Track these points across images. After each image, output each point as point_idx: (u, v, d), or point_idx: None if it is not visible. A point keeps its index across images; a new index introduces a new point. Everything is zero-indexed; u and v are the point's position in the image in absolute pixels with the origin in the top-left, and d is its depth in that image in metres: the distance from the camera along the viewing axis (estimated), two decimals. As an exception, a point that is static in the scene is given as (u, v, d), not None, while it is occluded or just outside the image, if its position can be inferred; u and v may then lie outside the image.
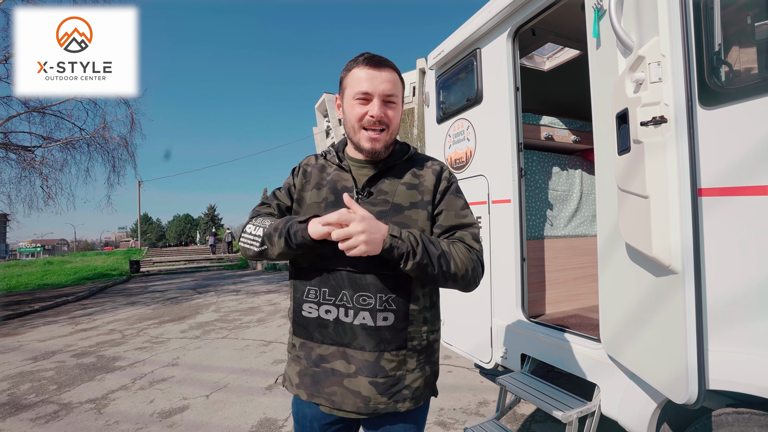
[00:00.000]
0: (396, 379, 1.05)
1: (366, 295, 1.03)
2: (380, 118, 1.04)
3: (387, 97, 1.05)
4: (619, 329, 1.66)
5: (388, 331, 1.04)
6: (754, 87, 1.29)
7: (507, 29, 2.55)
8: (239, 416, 3.05)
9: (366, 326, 1.03)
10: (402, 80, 1.13)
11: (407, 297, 1.06)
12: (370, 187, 1.10)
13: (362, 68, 1.04)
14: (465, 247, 1.06)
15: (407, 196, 1.09)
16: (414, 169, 1.14)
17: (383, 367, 1.03)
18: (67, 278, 13.70)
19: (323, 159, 1.21)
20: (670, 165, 1.28)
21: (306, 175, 1.18)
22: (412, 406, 1.07)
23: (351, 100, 1.06)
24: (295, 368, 1.11)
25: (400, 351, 1.05)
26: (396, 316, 1.04)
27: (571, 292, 2.91)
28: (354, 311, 1.03)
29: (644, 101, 1.33)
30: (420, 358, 1.10)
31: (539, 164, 2.99)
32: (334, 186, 1.12)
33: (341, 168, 1.15)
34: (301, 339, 1.10)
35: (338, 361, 1.05)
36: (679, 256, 1.26)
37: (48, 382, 3.94)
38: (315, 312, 1.07)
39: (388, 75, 1.05)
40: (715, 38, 1.41)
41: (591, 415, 1.85)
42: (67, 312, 8.11)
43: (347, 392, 1.03)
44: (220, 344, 5.15)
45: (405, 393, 1.06)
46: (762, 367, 1.24)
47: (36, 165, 9.82)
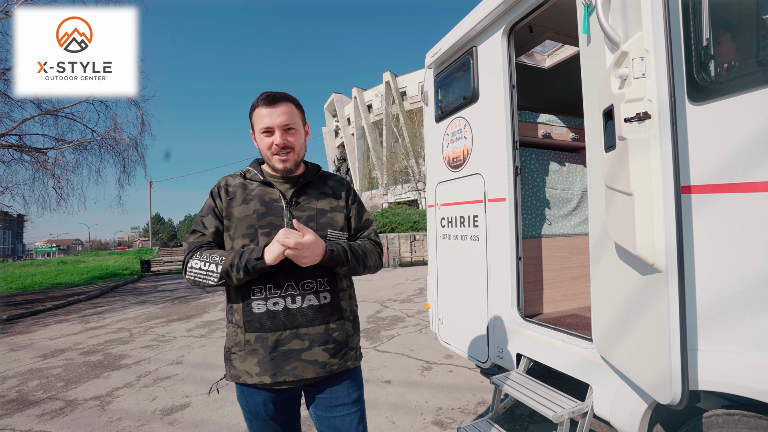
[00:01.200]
0: (343, 343, 1.32)
1: (309, 281, 1.28)
2: (283, 144, 1.28)
3: (285, 127, 1.27)
4: (610, 329, 1.64)
5: (329, 307, 1.30)
6: (744, 82, 1.27)
7: (502, 27, 2.53)
8: (239, 414, 3.07)
9: (313, 306, 1.27)
10: (299, 107, 1.35)
11: (335, 279, 1.34)
12: (297, 198, 1.34)
13: (262, 108, 1.27)
14: (371, 243, 1.41)
15: (326, 202, 1.38)
16: (327, 182, 1.43)
17: (331, 335, 1.29)
18: (79, 277, 14.00)
19: (242, 178, 1.38)
20: (653, 162, 1.26)
21: (229, 194, 1.34)
22: (356, 363, 1.37)
23: (259, 134, 1.29)
24: (251, 361, 1.24)
25: (340, 321, 1.33)
26: (332, 294, 1.32)
27: (570, 292, 2.88)
28: (301, 296, 1.26)
29: (628, 97, 1.31)
30: (355, 324, 1.40)
31: (538, 162, 2.96)
32: (262, 199, 1.32)
33: (265, 183, 1.35)
34: (255, 333, 1.25)
35: (293, 341, 1.25)
36: (663, 255, 1.24)
37: (56, 379, 4.04)
38: (264, 307, 1.25)
39: (283, 108, 1.27)
40: (703, 33, 1.38)
41: (584, 416, 1.83)
42: (78, 311, 8.29)
43: (306, 364, 1.25)
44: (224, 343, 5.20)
45: (351, 353, 1.35)
46: (751, 367, 1.22)
47: (48, 166, 10.04)
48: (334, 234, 1.34)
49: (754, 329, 1.24)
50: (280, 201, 1.31)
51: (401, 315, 6.43)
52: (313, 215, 1.33)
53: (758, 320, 1.23)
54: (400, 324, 5.82)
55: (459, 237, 2.97)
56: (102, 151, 11.20)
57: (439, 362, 4.08)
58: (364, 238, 1.42)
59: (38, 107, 10.00)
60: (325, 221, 1.34)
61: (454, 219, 3.03)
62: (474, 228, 2.78)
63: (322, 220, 1.33)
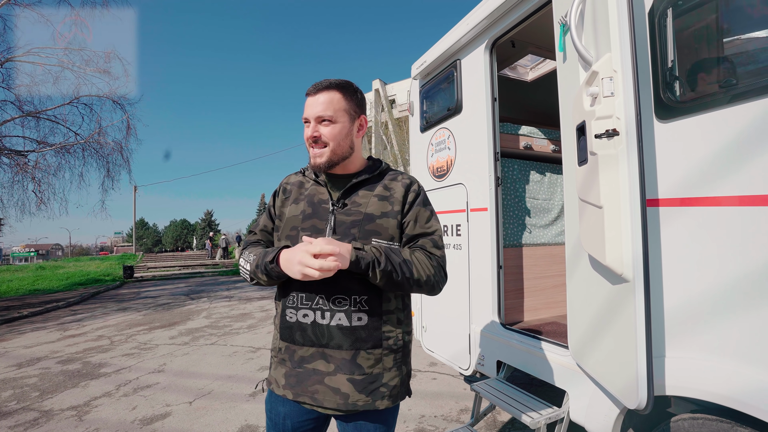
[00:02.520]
0: (373, 377, 1.12)
1: (341, 297, 1.11)
2: (313, 137, 1.16)
3: (319, 118, 1.16)
4: (584, 336, 1.69)
5: (363, 331, 1.11)
6: (706, 101, 1.34)
7: (484, 41, 2.62)
8: (220, 423, 3.04)
9: (342, 326, 1.11)
10: (348, 97, 1.20)
11: (379, 298, 1.14)
12: (345, 199, 1.20)
13: (307, 98, 1.19)
14: (425, 254, 1.15)
15: (378, 206, 1.18)
16: (385, 182, 1.24)
17: (360, 365, 1.10)
18: (58, 284, 13.62)
19: (302, 175, 1.31)
20: (621, 176, 1.32)
21: (286, 192, 1.28)
22: (390, 404, 1.14)
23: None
24: (281, 370, 1.17)
25: (376, 349, 1.13)
26: (370, 316, 1.12)
27: (550, 300, 2.94)
28: (330, 313, 1.11)
29: (598, 114, 1.38)
30: (396, 357, 1.17)
31: (520, 173, 3.03)
32: (311, 199, 1.22)
33: (318, 183, 1.25)
34: (285, 342, 1.17)
35: (318, 361, 1.12)
36: (630, 265, 1.30)
37: (30, 389, 3.92)
38: (294, 317, 1.15)
39: (323, 97, 1.16)
40: (668, 56, 1.46)
41: (560, 421, 1.87)
42: (56, 318, 8.07)
43: (328, 390, 1.10)
44: (208, 350, 5.13)
45: (383, 391, 1.13)
46: (713, 373, 1.28)
47: (29, 169, 9.82)
48: (380, 245, 1.14)
49: (716, 337, 1.30)
50: (328, 202, 1.20)
51: (387, 322, 6.42)
52: (359, 221, 1.15)
53: (719, 328, 1.29)
54: (386, 331, 5.82)
55: (443, 245, 3.01)
56: (85, 154, 11.05)
57: (423, 370, 4.10)
58: (416, 247, 1.18)
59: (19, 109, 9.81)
60: (371, 228, 1.15)
61: (449, 227, 3.07)
62: (457, 237, 2.83)
63: (368, 227, 1.15)
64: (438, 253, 1.18)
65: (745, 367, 1.21)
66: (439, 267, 1.16)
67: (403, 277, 1.08)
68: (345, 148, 1.20)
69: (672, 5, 1.45)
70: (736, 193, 1.26)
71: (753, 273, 1.21)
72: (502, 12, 2.40)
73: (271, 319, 7.12)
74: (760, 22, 1.28)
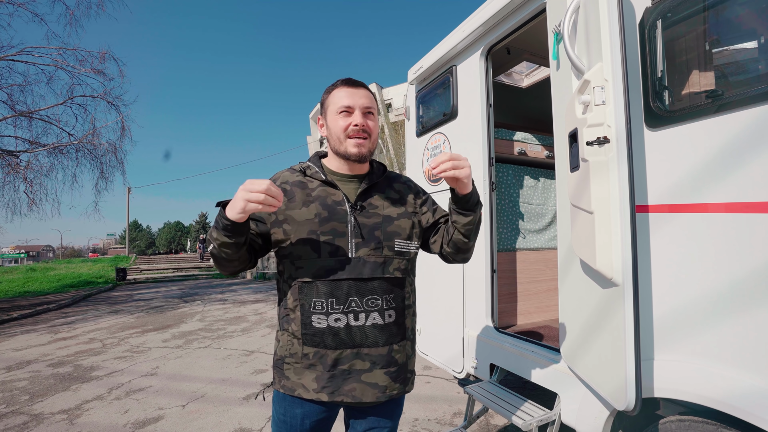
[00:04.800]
0: (404, 366, 1.22)
1: (374, 298, 1.16)
2: (363, 126, 1.17)
3: (366, 109, 1.19)
4: (575, 340, 1.72)
5: (394, 326, 1.20)
6: (695, 110, 1.38)
7: (480, 48, 2.66)
8: (214, 426, 3.03)
9: (377, 325, 1.16)
10: (375, 98, 1.28)
11: (402, 294, 1.23)
12: (363, 201, 1.22)
13: (342, 88, 1.19)
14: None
15: (394, 208, 1.25)
16: (393, 184, 1.31)
17: (394, 358, 1.19)
18: (49, 285, 13.46)
19: (301, 175, 1.25)
20: (612, 183, 1.35)
21: (287, 194, 1.20)
22: (412, 387, 1.27)
23: (335, 115, 1.19)
24: (310, 376, 1.16)
25: (403, 341, 1.22)
26: (396, 312, 1.20)
27: (543, 304, 2.97)
28: (365, 314, 1.15)
29: (590, 122, 1.41)
30: (413, 344, 1.29)
31: (514, 178, 3.07)
32: (324, 201, 1.19)
33: (326, 183, 1.22)
34: (314, 348, 1.15)
35: (354, 361, 1.15)
36: (620, 270, 1.33)
37: (20, 392, 3.88)
38: (324, 322, 1.14)
39: (365, 92, 1.21)
40: (657, 65, 1.51)
41: (551, 424, 1.89)
42: (47, 320, 7.97)
43: (366, 386, 1.15)
44: (201, 354, 5.11)
45: (409, 376, 1.26)
46: (699, 376, 1.31)
47: (20, 170, 9.72)
48: (402, 244, 1.22)
49: (703, 340, 1.33)
50: (344, 204, 1.19)
51: (382, 326, 6.43)
52: (379, 222, 1.20)
53: (707, 332, 1.32)
54: (380, 335, 5.82)
55: (437, 249, 3.04)
56: (79, 155, 10.95)
57: (417, 373, 4.11)
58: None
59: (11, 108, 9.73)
60: (392, 230, 1.21)
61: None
62: (452, 241, 2.85)
63: (389, 229, 1.20)
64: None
65: (731, 371, 1.24)
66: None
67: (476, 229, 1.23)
68: (375, 146, 1.25)
69: (662, 17, 1.49)
70: (724, 200, 1.29)
71: (740, 278, 1.24)
72: (497, 20, 2.44)
73: (265, 322, 7.09)
74: (747, 34, 1.32)
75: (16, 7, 9.37)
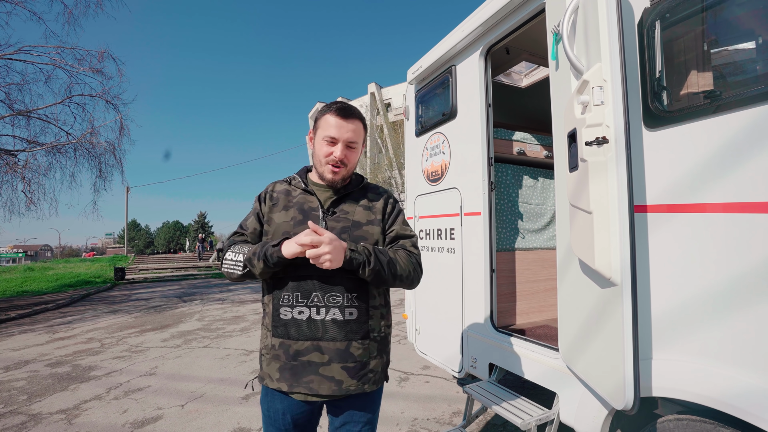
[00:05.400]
0: (363, 364, 1.27)
1: (335, 295, 1.25)
2: (342, 159, 1.29)
3: (349, 142, 1.30)
4: (574, 339, 1.72)
5: (354, 324, 1.27)
6: (693, 111, 1.39)
7: (479, 48, 2.66)
8: (213, 426, 3.03)
9: (336, 320, 1.25)
10: (365, 126, 1.39)
11: (367, 296, 1.31)
12: (334, 208, 1.35)
13: (334, 116, 1.28)
14: (406, 253, 1.33)
15: (364, 215, 1.36)
16: (368, 194, 1.42)
17: (352, 354, 1.25)
18: (47, 285, 13.42)
19: (287, 184, 1.42)
20: (610, 183, 1.36)
21: (273, 199, 1.38)
22: (374, 387, 1.31)
23: (321, 140, 1.31)
24: (275, 365, 1.26)
25: (365, 340, 1.29)
26: (359, 311, 1.28)
27: (542, 303, 2.98)
28: (325, 309, 1.24)
29: (588, 122, 1.41)
30: (380, 346, 1.34)
31: (513, 178, 3.08)
32: (301, 207, 1.34)
33: (306, 192, 1.37)
34: (279, 339, 1.27)
35: (313, 353, 1.24)
36: (618, 270, 1.33)
37: (18, 392, 3.87)
38: (289, 314, 1.26)
39: (353, 126, 1.30)
40: (656, 65, 1.51)
41: (550, 423, 1.90)
42: (45, 320, 7.95)
43: (323, 379, 1.23)
44: (200, 353, 5.10)
45: (370, 376, 1.29)
46: (697, 375, 1.31)
47: (18, 169, 9.68)
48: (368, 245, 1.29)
49: (701, 340, 1.34)
50: (318, 210, 1.33)
51: (381, 325, 6.43)
52: (348, 227, 1.31)
53: (705, 332, 1.33)
54: (379, 334, 5.83)
55: (436, 249, 3.04)
56: (77, 154, 10.90)
57: (417, 373, 4.12)
58: (398, 247, 1.36)
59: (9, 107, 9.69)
60: (359, 234, 1.32)
61: (431, 231, 3.10)
62: (450, 240, 2.86)
63: (356, 233, 1.31)
64: (416, 251, 1.38)
65: (729, 370, 1.25)
66: (417, 264, 1.35)
67: (389, 274, 1.24)
68: (354, 169, 1.39)
69: (660, 17, 1.50)
70: (722, 200, 1.30)
71: (738, 278, 1.24)
72: (496, 20, 2.44)
73: (264, 321, 7.07)
74: (745, 35, 1.32)
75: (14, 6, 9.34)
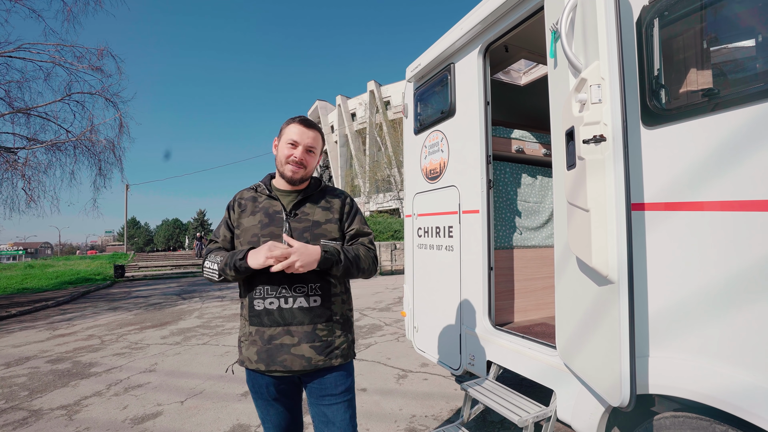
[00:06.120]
0: (328, 342, 1.46)
1: (301, 285, 1.44)
2: (301, 160, 1.48)
3: (309, 147, 1.50)
4: (572, 337, 1.73)
5: (318, 309, 1.45)
6: (691, 109, 1.39)
7: (478, 46, 2.65)
8: (212, 422, 3.04)
9: (303, 308, 1.44)
10: (323, 139, 1.59)
11: (329, 285, 1.48)
12: (296, 210, 1.50)
13: (297, 125, 1.49)
14: (365, 249, 1.54)
15: (323, 215, 1.53)
16: (326, 196, 1.59)
17: (318, 334, 1.44)
18: (48, 282, 13.44)
19: (254, 191, 1.58)
20: (608, 181, 1.36)
21: (241, 206, 1.55)
22: (342, 361, 1.49)
23: (284, 144, 1.49)
24: (252, 350, 1.44)
25: (328, 323, 1.47)
26: (322, 299, 1.47)
27: (540, 301, 2.99)
28: (293, 298, 1.42)
29: (586, 120, 1.41)
30: (343, 327, 1.53)
31: (512, 175, 3.08)
32: (266, 211, 1.50)
33: (271, 197, 1.53)
34: (255, 327, 1.45)
35: (285, 337, 1.42)
36: (615, 267, 1.34)
37: (19, 388, 3.89)
38: (262, 305, 1.44)
39: (313, 134, 1.51)
40: (654, 63, 1.51)
41: (547, 420, 1.91)
42: (45, 317, 7.98)
43: (294, 357, 1.41)
44: (200, 350, 5.12)
45: (336, 352, 1.48)
46: (693, 372, 1.32)
47: (18, 167, 9.68)
48: (327, 243, 1.47)
49: (698, 337, 1.34)
50: (281, 213, 1.49)
51: (379, 323, 6.46)
52: (309, 226, 1.48)
53: (702, 329, 1.33)
54: (377, 332, 5.85)
55: (435, 247, 3.05)
56: (77, 152, 10.88)
57: (415, 370, 4.13)
58: (358, 244, 1.55)
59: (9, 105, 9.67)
60: (319, 232, 1.49)
61: (430, 229, 3.11)
62: (449, 238, 2.86)
63: (316, 231, 1.48)
64: (373, 247, 1.59)
65: (725, 368, 1.26)
66: (374, 258, 1.56)
67: (355, 268, 1.46)
68: (311, 173, 1.56)
69: (659, 15, 1.50)
70: (719, 198, 1.30)
71: (735, 276, 1.25)
72: (495, 17, 2.44)
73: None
74: (743, 33, 1.32)
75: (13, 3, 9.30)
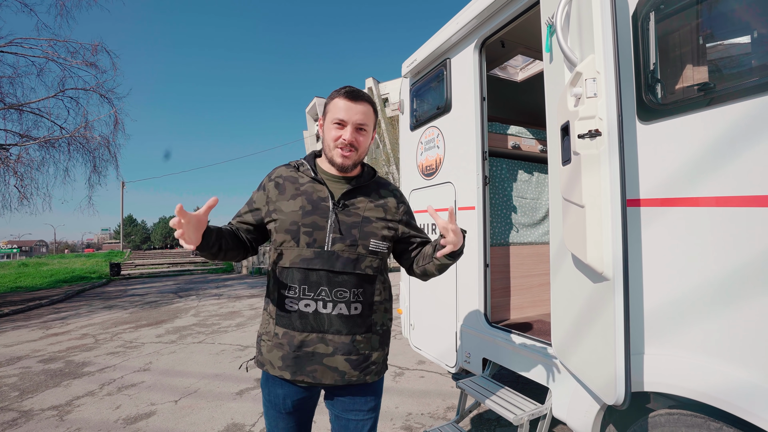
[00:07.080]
0: (365, 357, 1.29)
1: (342, 290, 1.25)
2: (351, 142, 1.26)
3: (359, 125, 1.26)
4: (567, 334, 1.71)
5: (358, 318, 1.28)
6: (687, 104, 1.37)
7: (474, 41, 2.62)
8: (206, 422, 3.02)
9: (342, 315, 1.25)
10: (376, 111, 1.34)
11: (372, 291, 1.31)
12: (345, 201, 1.30)
13: (342, 99, 1.25)
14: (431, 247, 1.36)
15: (375, 211, 1.33)
16: (379, 189, 1.39)
17: (356, 347, 1.27)
18: (42, 281, 13.34)
19: (295, 170, 1.36)
20: (603, 176, 1.34)
21: (279, 187, 1.32)
22: (376, 378, 1.33)
23: (330, 124, 1.27)
24: (277, 354, 1.27)
25: (368, 334, 1.30)
26: (363, 307, 1.29)
27: (536, 298, 2.97)
28: (332, 303, 1.24)
29: (581, 115, 1.39)
30: (381, 339, 1.35)
31: (508, 172, 3.06)
32: (310, 196, 1.29)
33: (315, 180, 1.32)
34: (283, 329, 1.27)
35: (318, 345, 1.25)
36: (611, 264, 1.32)
37: (10, 388, 3.84)
38: (295, 306, 1.25)
39: (363, 108, 1.26)
40: (650, 58, 1.49)
41: (543, 418, 1.90)
42: (39, 316, 7.91)
43: (326, 369, 1.25)
44: (195, 349, 5.09)
45: (372, 368, 1.31)
46: (688, 370, 1.31)
47: (10, 164, 9.57)
48: (377, 244, 1.30)
49: (693, 335, 1.33)
50: (328, 201, 1.28)
51: (377, 320, 6.44)
52: (358, 222, 1.28)
53: (697, 327, 1.32)
54: (375, 330, 5.83)
55: (431, 244, 3.03)
56: (71, 149, 10.78)
57: (411, 368, 4.12)
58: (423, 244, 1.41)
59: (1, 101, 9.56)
60: (369, 230, 1.29)
61: (426, 226, 3.08)
62: (445, 235, 2.84)
63: (366, 229, 1.29)
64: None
65: (720, 365, 1.24)
66: None
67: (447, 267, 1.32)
68: (365, 155, 1.34)
69: (655, 9, 1.47)
70: (716, 194, 1.28)
71: (731, 273, 1.23)
72: (491, 12, 2.41)
73: (260, 317, 7.06)
74: (739, 27, 1.30)
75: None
